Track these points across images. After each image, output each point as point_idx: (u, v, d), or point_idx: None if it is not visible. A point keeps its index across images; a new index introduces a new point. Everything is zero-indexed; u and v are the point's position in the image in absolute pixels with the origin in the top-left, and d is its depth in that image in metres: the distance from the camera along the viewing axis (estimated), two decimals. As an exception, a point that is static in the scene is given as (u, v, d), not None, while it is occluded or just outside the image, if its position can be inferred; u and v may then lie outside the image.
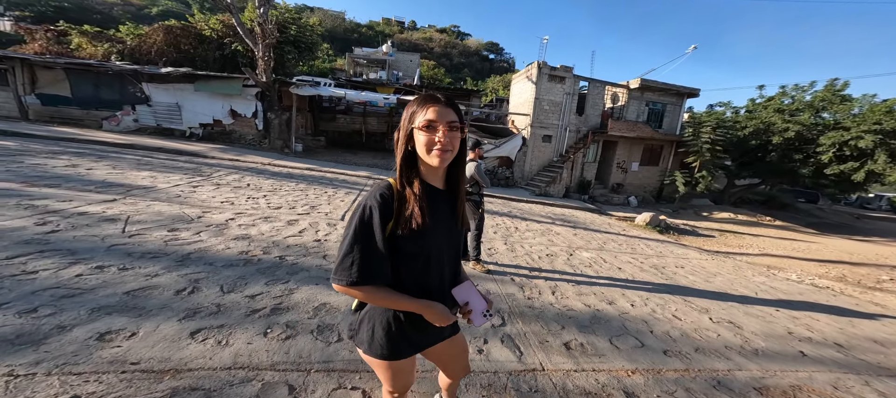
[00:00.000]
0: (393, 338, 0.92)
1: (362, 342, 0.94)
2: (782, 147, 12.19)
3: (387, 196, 0.84)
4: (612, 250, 5.86)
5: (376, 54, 25.27)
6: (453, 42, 64.55)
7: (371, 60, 25.78)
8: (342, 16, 59.45)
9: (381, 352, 0.93)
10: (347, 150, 14.43)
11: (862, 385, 2.42)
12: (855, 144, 10.32)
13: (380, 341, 0.92)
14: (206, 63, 12.33)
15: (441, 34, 67.26)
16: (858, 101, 11.59)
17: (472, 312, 0.94)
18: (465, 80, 36.23)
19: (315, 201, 5.67)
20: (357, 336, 0.96)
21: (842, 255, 8.43)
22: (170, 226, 3.58)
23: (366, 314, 0.95)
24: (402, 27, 67.63)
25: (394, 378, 0.99)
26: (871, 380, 2.51)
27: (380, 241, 0.81)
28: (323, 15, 53.88)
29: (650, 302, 3.57)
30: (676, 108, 14.26)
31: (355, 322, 0.97)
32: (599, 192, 12.73)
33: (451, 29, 72.77)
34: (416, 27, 71.21)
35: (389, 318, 0.92)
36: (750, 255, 7.54)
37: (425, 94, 0.87)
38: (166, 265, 2.69)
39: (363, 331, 0.94)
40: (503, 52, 70.28)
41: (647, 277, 4.57)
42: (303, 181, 7.28)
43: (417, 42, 55.46)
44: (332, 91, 10.97)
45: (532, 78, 12.06)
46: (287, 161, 9.37)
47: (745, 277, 5.33)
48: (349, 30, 55.71)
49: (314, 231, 4.20)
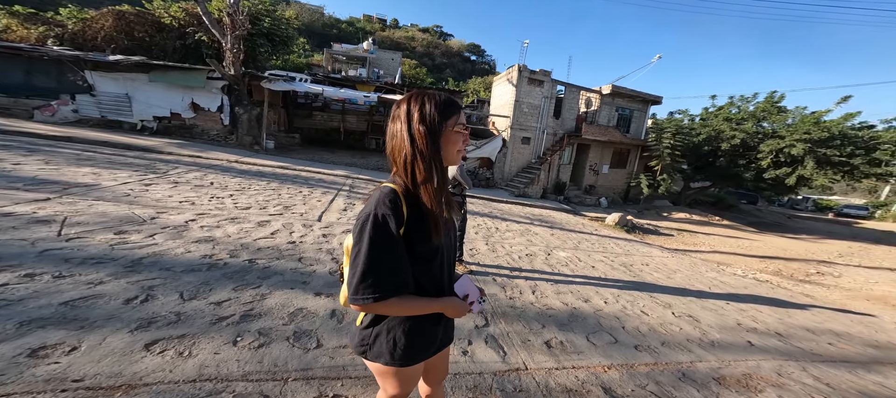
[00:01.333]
0: (415, 343, 0.90)
1: (381, 354, 0.90)
2: (730, 153, 13.46)
3: (396, 201, 0.80)
4: (586, 249, 6.12)
5: (356, 51, 24.58)
6: (436, 42, 64.46)
7: (351, 57, 25.04)
8: (321, 11, 57.25)
9: (405, 359, 0.89)
10: (324, 148, 13.88)
11: (800, 371, 2.71)
12: (788, 152, 11.63)
13: (403, 348, 0.89)
14: (164, 52, 11.32)
15: (423, 34, 66.89)
16: (792, 113, 13.05)
17: (473, 302, 0.99)
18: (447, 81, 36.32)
19: (289, 201, 5.37)
20: (372, 350, 0.91)
21: (777, 252, 9.47)
22: (116, 228, 3.22)
23: (383, 326, 0.90)
24: (384, 25, 66.40)
25: (409, 383, 0.96)
26: (807, 366, 2.82)
27: (401, 249, 0.79)
28: (300, 8, 51.54)
29: (621, 299, 3.77)
30: (642, 114, 15.26)
31: (368, 336, 0.92)
32: (574, 194, 13.30)
33: (434, 29, 72.56)
34: (398, 26, 70.15)
35: (411, 324, 0.90)
36: (703, 252, 8.24)
37: (448, 96, 0.86)
38: (113, 271, 2.41)
39: (381, 343, 0.90)
40: (485, 53, 71.33)
41: (618, 275, 4.82)
42: (275, 180, 6.89)
43: (399, 40, 54.75)
44: (309, 87, 10.51)
45: (512, 81, 12.33)
46: (257, 158, 8.82)
47: (700, 273, 5.80)
48: (328, 25, 53.79)
49: (288, 232, 3.98)
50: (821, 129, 11.25)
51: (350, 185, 7.94)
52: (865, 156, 10.94)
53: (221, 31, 9.49)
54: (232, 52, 9.49)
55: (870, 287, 6.27)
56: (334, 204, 5.80)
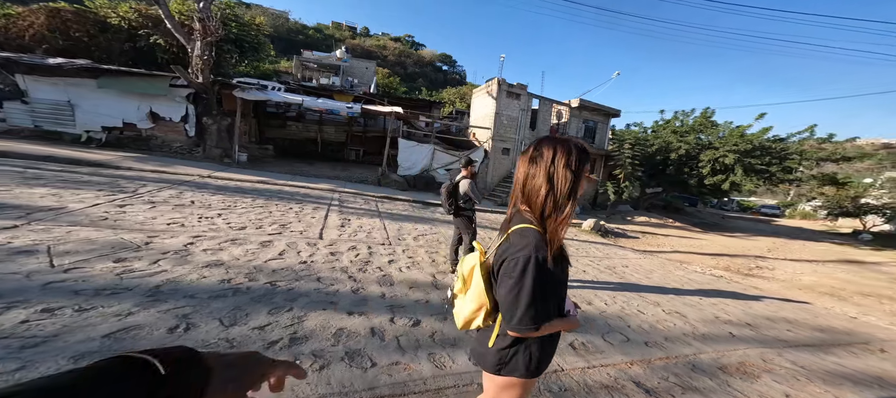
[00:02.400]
0: (545, 356, 1.07)
1: (517, 368, 1.04)
2: (677, 162, 15.27)
3: (543, 241, 0.96)
4: (572, 255, 6.60)
5: (329, 59, 23.96)
6: (407, 51, 64.76)
7: (323, 65, 24.34)
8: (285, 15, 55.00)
9: (537, 370, 1.05)
10: (301, 160, 13.29)
11: (778, 356, 3.23)
12: (722, 161, 13.51)
13: (537, 362, 1.05)
14: (109, 55, 10.25)
15: (395, 43, 66.88)
16: (722, 127, 15.20)
17: (576, 316, 1.16)
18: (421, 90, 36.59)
19: (282, 219, 5.17)
20: (508, 366, 1.05)
21: (722, 249, 10.89)
22: (112, 255, 2.95)
23: (522, 345, 1.05)
24: (355, 33, 65.39)
25: (530, 391, 1.12)
26: (782, 352, 3.36)
27: (554, 282, 0.97)
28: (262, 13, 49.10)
29: (617, 300, 4.19)
30: (604, 126, 16.75)
31: (506, 355, 1.05)
32: (548, 201, 14.11)
33: (406, 38, 72.88)
34: (369, 34, 69.49)
35: (543, 340, 1.05)
36: (666, 253, 9.23)
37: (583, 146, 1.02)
38: (137, 301, 2.25)
39: (518, 359, 1.04)
40: (456, 64, 72.97)
41: (606, 277, 5.30)
42: (259, 196, 6.55)
43: (370, 49, 54.24)
44: (285, 96, 10.10)
45: (492, 93, 12.93)
46: (231, 173, 8.26)
47: (670, 272, 6.54)
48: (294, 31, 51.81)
49: (295, 252, 3.88)
50: (745, 142, 13.26)
51: (338, 199, 7.77)
52: (780, 164, 13.08)
53: (187, 35, 8.85)
54: (202, 58, 8.88)
55: (798, 278, 7.51)
56: (329, 220, 5.68)
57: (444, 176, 12.09)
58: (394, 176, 11.37)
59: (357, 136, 16.05)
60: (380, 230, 5.70)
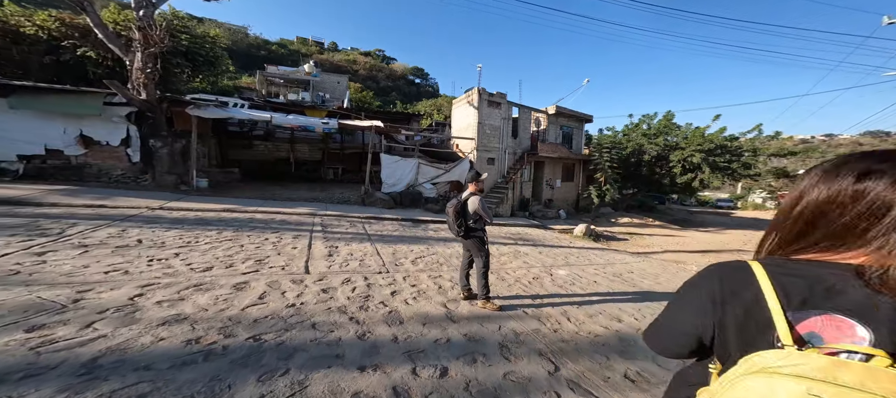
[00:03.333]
0: None
1: None
2: (650, 163, 16.01)
3: None
4: (577, 264, 6.35)
5: (297, 74, 22.98)
6: (379, 65, 64.62)
7: (290, 80, 23.31)
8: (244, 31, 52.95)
9: None
10: (273, 182, 12.22)
11: None
12: (690, 160, 14.33)
13: None
14: (26, 71, 8.86)
15: (365, 57, 66.52)
16: (684, 129, 16.21)
17: None
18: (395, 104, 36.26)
19: (257, 253, 4.42)
20: None
21: (705, 245, 11.30)
22: (24, 323, 2.18)
23: None
24: (322, 48, 64.25)
25: None
26: None
27: None
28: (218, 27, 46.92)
29: (643, 312, 3.91)
30: (579, 132, 17.29)
31: None
32: (537, 208, 14.09)
33: (376, 53, 72.79)
34: (337, 49, 68.57)
35: None
36: (657, 253, 9.34)
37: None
38: (63, 384, 1.58)
39: None
40: (429, 77, 73.78)
41: (618, 286, 5.07)
42: (227, 227, 5.70)
43: (340, 64, 53.41)
44: (250, 113, 9.24)
45: (473, 103, 12.82)
46: (189, 202, 7.22)
47: (674, 275, 6.48)
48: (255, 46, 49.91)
49: (280, 294, 3.22)
50: (708, 141, 14.18)
51: (321, 224, 7.03)
52: (739, 161, 14.10)
53: (124, 46, 7.82)
54: (145, 72, 7.81)
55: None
56: (315, 250, 4.99)
57: (430, 190, 11.64)
58: (378, 194, 10.74)
59: (334, 153, 15.23)
60: (373, 256, 5.10)
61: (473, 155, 12.88)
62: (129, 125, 8.36)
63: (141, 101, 7.85)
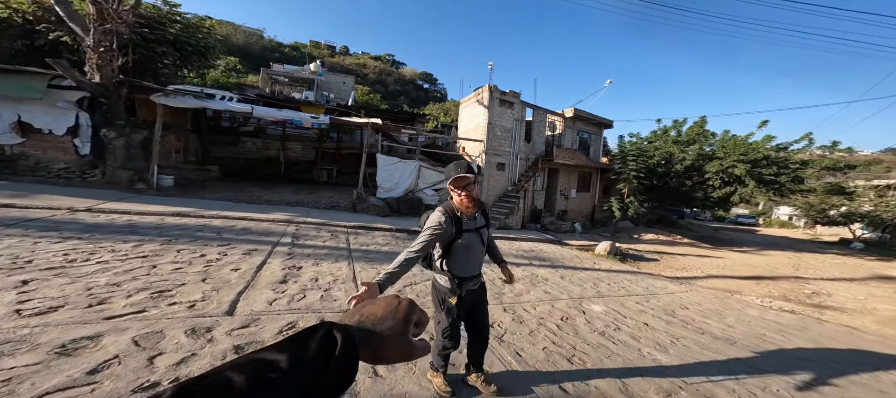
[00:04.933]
0: None
1: None
2: (681, 174, 14.39)
3: None
4: (611, 294, 4.93)
5: (301, 73, 22.18)
6: (388, 70, 64.32)
7: (294, 79, 22.53)
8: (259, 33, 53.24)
9: None
10: (258, 182, 11.07)
11: None
12: (731, 171, 12.68)
13: None
14: None
15: (375, 61, 66.36)
16: (722, 138, 14.53)
17: None
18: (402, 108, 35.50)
19: (171, 278, 3.14)
20: None
21: (751, 270, 9.62)
22: None
23: None
24: (334, 51, 64.38)
25: None
26: None
27: None
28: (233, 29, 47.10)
29: (743, 386, 2.47)
30: (597, 138, 15.82)
31: None
32: (549, 221, 12.63)
33: (386, 57, 72.69)
34: (348, 52, 68.66)
35: None
36: (700, 279, 7.78)
37: None
38: None
39: None
40: (437, 82, 73.16)
41: (678, 331, 3.64)
42: (160, 237, 4.47)
43: (350, 67, 53.12)
44: (231, 106, 8.11)
45: (483, 102, 11.56)
46: (134, 203, 5.99)
47: (739, 313, 4.97)
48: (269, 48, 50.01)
49: (143, 358, 1.98)
50: (754, 151, 12.53)
51: (293, 234, 5.76)
52: (790, 174, 12.39)
53: (83, 22, 6.79)
54: (97, 51, 6.73)
55: (866, 305, 6.19)
56: (264, 272, 3.69)
57: (432, 197, 10.32)
58: (372, 199, 9.48)
59: (329, 153, 14.08)
60: (345, 282, 3.79)
61: (481, 159, 11.55)
62: (80, 112, 7.26)
63: (93, 85, 6.74)
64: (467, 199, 1.79)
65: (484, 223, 1.99)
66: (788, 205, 23.77)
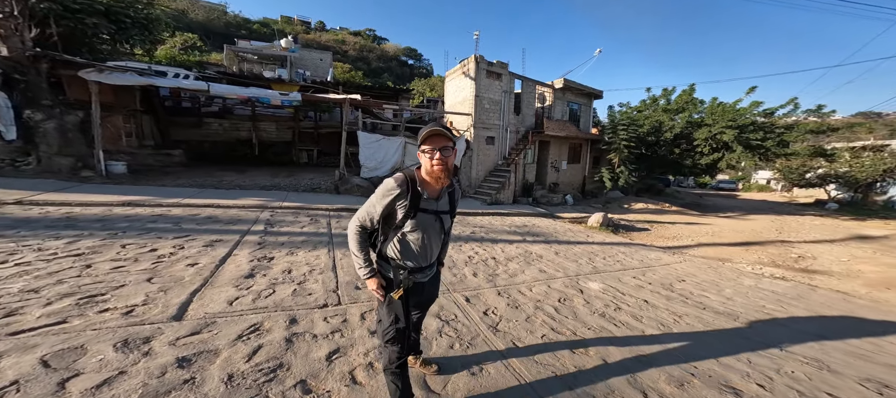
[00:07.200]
0: None
1: None
2: (670, 142, 14.30)
3: None
4: (607, 270, 4.75)
5: (272, 49, 20.39)
6: (370, 46, 60.83)
7: (265, 56, 20.76)
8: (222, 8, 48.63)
9: None
10: (229, 167, 10.26)
11: None
12: (720, 138, 12.63)
13: None
14: None
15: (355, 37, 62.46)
16: (710, 105, 14.36)
17: None
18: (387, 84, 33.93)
19: (107, 278, 2.70)
20: None
21: (738, 236, 9.73)
22: None
23: None
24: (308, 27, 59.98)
25: None
26: None
27: None
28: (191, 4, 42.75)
29: (758, 368, 2.30)
30: (587, 109, 15.42)
31: None
32: (541, 194, 12.43)
33: (367, 32, 68.45)
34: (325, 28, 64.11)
35: None
36: (691, 247, 7.79)
37: None
38: None
39: None
40: (422, 58, 69.97)
41: (679, 308, 3.48)
42: (103, 231, 3.95)
43: (327, 43, 49.72)
44: (185, 83, 7.16)
45: (470, 73, 10.85)
46: (74, 194, 5.29)
47: (734, 282, 4.91)
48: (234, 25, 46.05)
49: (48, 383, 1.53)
50: (742, 117, 12.44)
51: (267, 221, 5.27)
52: (776, 138, 12.42)
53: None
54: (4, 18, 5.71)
55: (856, 268, 6.27)
56: (228, 267, 3.27)
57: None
58: (356, 179, 8.95)
59: (307, 133, 13.20)
60: (324, 272, 3.42)
61: (470, 133, 11.02)
62: (-6, 91, 6.21)
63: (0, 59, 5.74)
64: (440, 165, 1.33)
65: (448, 208, 1.53)
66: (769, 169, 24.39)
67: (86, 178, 6.18)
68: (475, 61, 10.68)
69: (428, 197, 1.43)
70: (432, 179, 1.39)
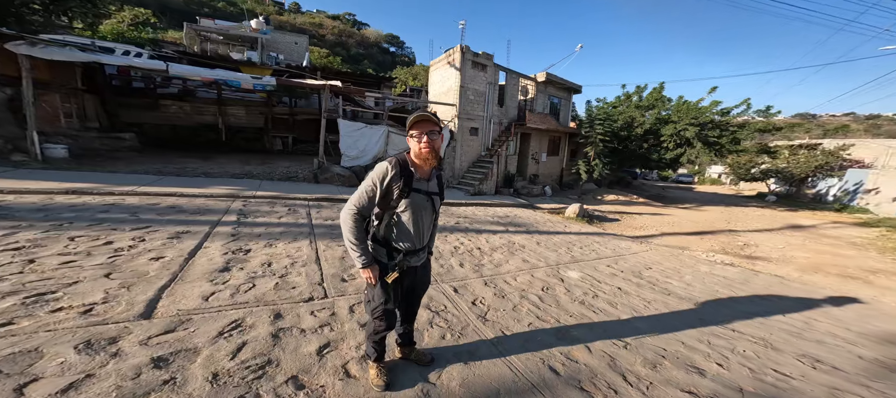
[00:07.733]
0: None
1: None
2: (640, 137, 15.13)
3: None
4: (584, 259, 5.01)
5: (240, 30, 18.74)
6: (349, 30, 57.61)
7: (232, 37, 19.10)
8: (180, -18, 43.62)
9: None
10: (191, 153, 9.45)
11: None
12: (683, 134, 13.55)
13: None
14: None
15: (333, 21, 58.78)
16: (677, 103, 15.33)
17: None
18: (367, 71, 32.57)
19: (55, 276, 2.46)
20: None
21: (694, 225, 10.63)
22: None
23: None
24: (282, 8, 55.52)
25: None
26: None
27: None
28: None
29: (714, 346, 2.56)
30: (567, 103, 15.87)
31: None
32: (521, 185, 12.73)
33: (346, 16, 64.69)
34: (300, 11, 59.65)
35: None
36: (656, 237, 8.39)
37: None
38: None
39: None
40: (405, 45, 67.59)
41: (648, 294, 3.77)
42: (46, 222, 3.59)
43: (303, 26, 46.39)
44: (139, 62, 6.43)
45: (455, 63, 10.70)
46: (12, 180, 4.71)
47: (692, 268, 5.37)
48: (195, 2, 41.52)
49: None
50: (703, 115, 13.41)
51: (240, 211, 4.98)
52: (729, 136, 13.55)
53: None
54: None
55: (788, 254, 7.10)
56: (199, 260, 3.07)
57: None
58: (336, 168, 8.64)
59: (281, 119, 12.45)
60: (307, 265, 3.31)
61: (454, 123, 10.97)
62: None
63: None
64: (428, 148, 1.45)
65: (437, 190, 1.64)
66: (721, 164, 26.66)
67: (18, 162, 5.44)
68: (461, 51, 10.55)
69: (419, 177, 1.52)
70: (421, 161, 1.50)
